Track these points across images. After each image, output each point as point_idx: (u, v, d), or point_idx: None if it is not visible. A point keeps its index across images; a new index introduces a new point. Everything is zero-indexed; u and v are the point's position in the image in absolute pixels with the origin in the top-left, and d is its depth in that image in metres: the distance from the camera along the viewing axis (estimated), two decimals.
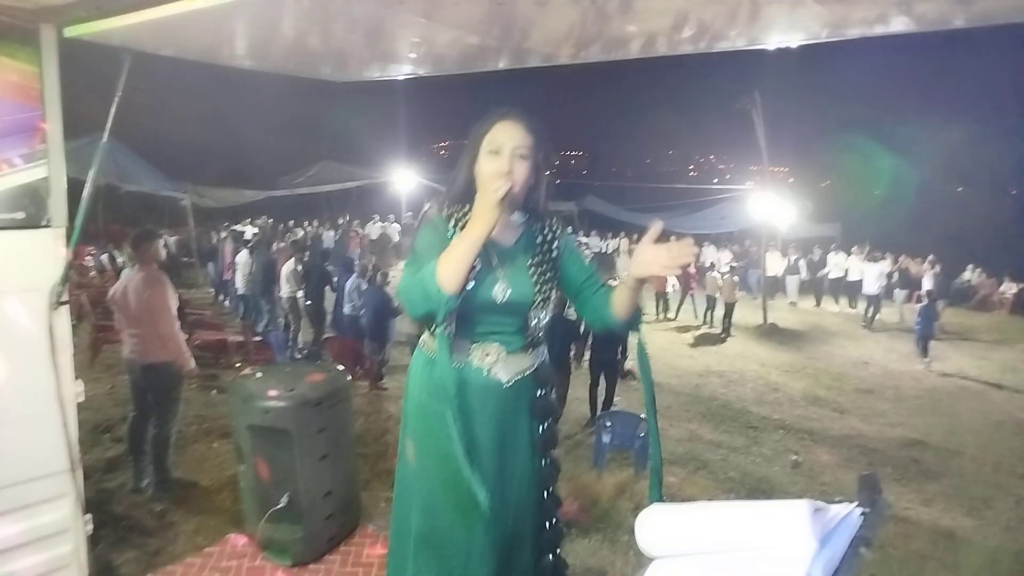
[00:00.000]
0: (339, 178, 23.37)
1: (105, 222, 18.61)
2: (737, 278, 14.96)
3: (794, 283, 18.42)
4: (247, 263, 11.48)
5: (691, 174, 72.88)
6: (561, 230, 2.13)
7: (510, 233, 2.07)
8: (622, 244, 23.39)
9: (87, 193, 2.78)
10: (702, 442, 7.27)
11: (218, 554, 3.35)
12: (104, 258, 14.90)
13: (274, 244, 13.10)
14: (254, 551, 3.33)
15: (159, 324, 4.30)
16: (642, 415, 6.21)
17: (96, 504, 3.26)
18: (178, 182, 19.05)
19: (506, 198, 1.86)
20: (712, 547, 1.27)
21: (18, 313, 2.65)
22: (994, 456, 7.44)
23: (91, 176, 2.80)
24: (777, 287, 17.94)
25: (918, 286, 15.69)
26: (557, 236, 2.10)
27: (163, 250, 5.17)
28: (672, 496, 5.38)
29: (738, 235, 21.87)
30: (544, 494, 2.11)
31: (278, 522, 3.20)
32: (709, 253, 20.92)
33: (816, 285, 18.76)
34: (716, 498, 5.51)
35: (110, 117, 2.78)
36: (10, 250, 2.64)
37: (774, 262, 17.93)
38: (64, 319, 2.77)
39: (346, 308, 9.56)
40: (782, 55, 2.97)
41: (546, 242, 2.09)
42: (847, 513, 1.24)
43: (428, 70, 3.12)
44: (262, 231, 18.74)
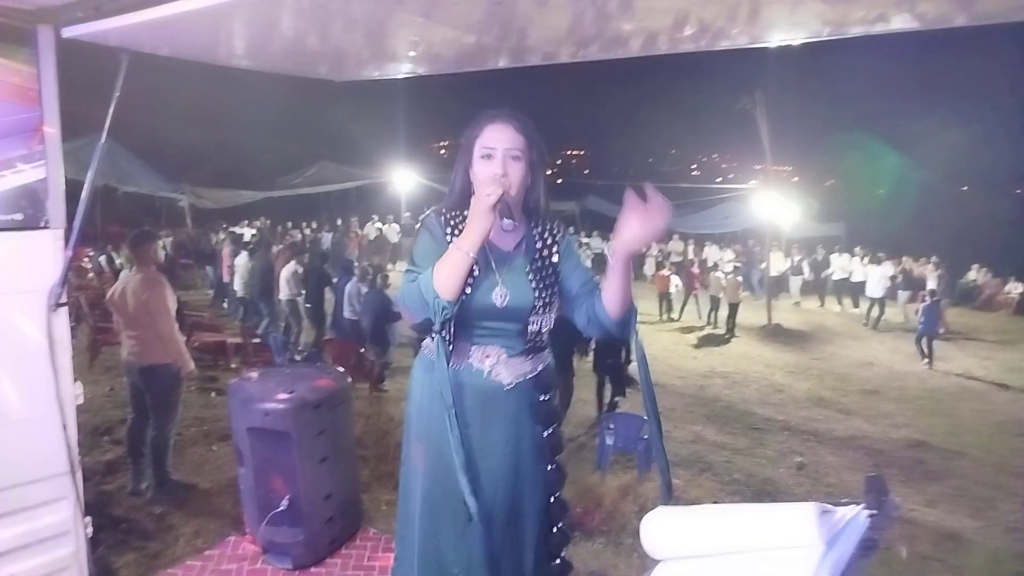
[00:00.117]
0: (338, 178, 23.37)
1: (103, 223, 18.52)
2: (741, 278, 14.92)
3: (798, 283, 18.38)
4: (246, 265, 11.46)
5: (694, 173, 72.56)
6: (563, 233, 2.09)
7: (510, 237, 2.04)
8: None
9: (85, 194, 2.76)
10: (706, 444, 7.24)
11: (218, 557, 3.34)
12: (102, 259, 14.88)
13: (273, 246, 13.04)
14: (254, 554, 3.32)
15: (158, 326, 4.28)
16: (645, 416, 6.17)
17: (96, 507, 3.25)
18: (176, 183, 19.06)
19: (500, 202, 1.84)
20: (717, 550, 1.25)
21: (17, 315, 2.64)
22: (998, 457, 7.40)
23: (89, 177, 2.78)
24: (781, 287, 17.89)
25: (922, 286, 15.64)
26: (558, 240, 2.07)
27: (161, 251, 5.16)
28: (676, 499, 5.33)
29: (741, 235, 21.77)
30: (550, 499, 2.09)
31: (278, 525, 3.19)
32: (712, 253, 20.88)
33: (820, 285, 18.72)
34: (721, 500, 5.49)
35: (108, 118, 2.76)
36: (8, 251, 2.62)
37: (778, 262, 17.89)
38: (63, 321, 2.75)
39: (346, 312, 9.52)
40: (785, 53, 2.96)
41: (546, 247, 2.05)
42: (854, 515, 1.23)
43: (427, 69, 3.10)
44: (261, 233, 18.70)
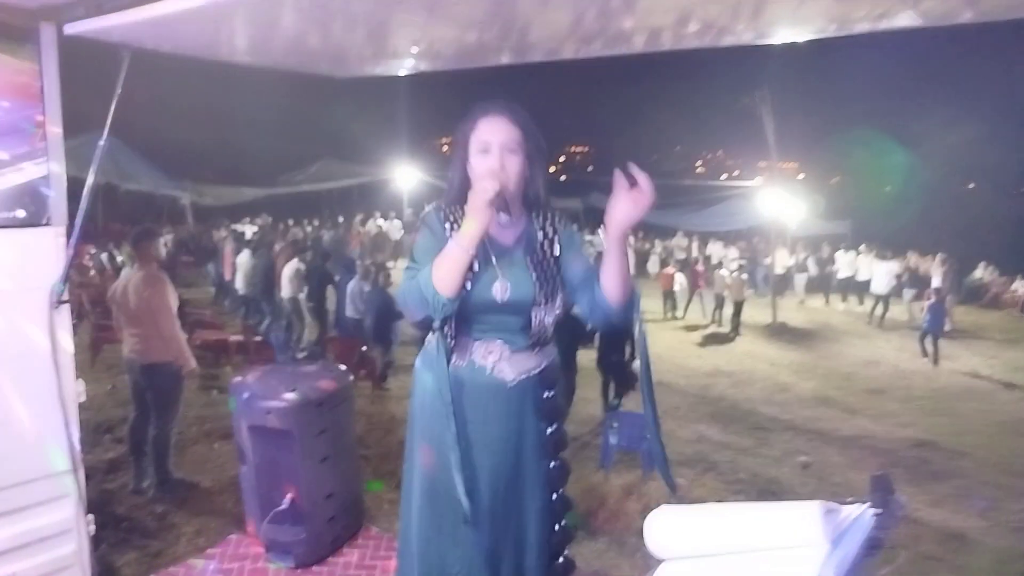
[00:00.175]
0: (340, 175, 23.33)
1: (105, 221, 18.47)
2: (746, 276, 14.87)
3: (803, 281, 18.31)
4: (248, 263, 11.45)
5: (699, 170, 72.27)
6: (564, 225, 2.06)
7: (510, 231, 2.02)
8: (628, 242, 23.27)
9: (87, 192, 2.76)
10: (710, 443, 7.22)
11: (220, 555, 3.33)
12: (104, 257, 14.89)
13: (275, 244, 13.04)
14: (256, 553, 3.31)
15: (159, 324, 4.27)
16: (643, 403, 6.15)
17: (98, 505, 3.24)
18: (177, 180, 19.04)
19: (498, 197, 1.83)
20: (722, 549, 1.24)
21: (18, 312, 2.64)
22: (1004, 457, 7.36)
23: (91, 174, 2.78)
24: (786, 285, 17.83)
25: (928, 284, 15.57)
26: (559, 231, 2.04)
27: (163, 249, 5.15)
28: (680, 498, 5.33)
29: (746, 232, 21.68)
30: (552, 496, 2.07)
31: (280, 524, 3.18)
32: (717, 250, 20.81)
33: (825, 283, 18.65)
34: (725, 500, 5.46)
35: (109, 115, 2.76)
36: (10, 249, 2.62)
37: (783, 260, 17.83)
38: (65, 318, 2.75)
39: (348, 310, 9.50)
40: (791, 50, 2.94)
41: (547, 238, 2.03)
42: (859, 514, 1.21)
43: (430, 66, 3.09)
44: (262, 230, 18.69)
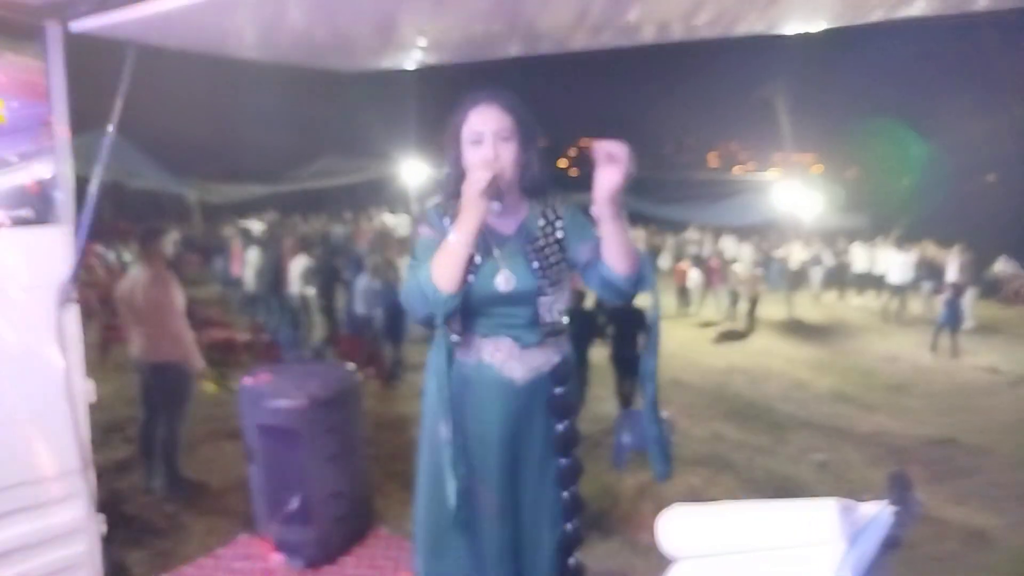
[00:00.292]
0: (347, 171, 23.31)
1: (112, 219, 18.47)
2: (761, 271, 14.75)
3: (819, 275, 18.14)
4: (257, 260, 11.44)
5: (712, 163, 71.80)
6: (567, 207, 2.02)
7: (511, 220, 1.99)
8: (638, 236, 23.20)
9: (94, 190, 2.75)
10: (726, 442, 7.15)
11: (230, 555, 3.33)
12: (112, 256, 14.98)
13: (284, 240, 13.06)
14: (266, 552, 3.30)
15: (167, 323, 4.28)
16: (664, 413, 6.10)
17: (108, 504, 3.24)
18: (184, 178, 19.08)
19: (491, 187, 1.80)
20: (736, 548, 1.21)
21: (27, 312, 2.64)
22: None
23: (97, 173, 2.77)
24: (801, 280, 17.68)
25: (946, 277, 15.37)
26: (560, 215, 2.00)
27: (170, 247, 5.16)
28: (696, 497, 5.28)
29: (761, 226, 21.52)
30: (564, 495, 2.03)
31: (290, 523, 3.17)
32: (730, 245, 20.67)
33: (841, 277, 18.47)
34: (741, 499, 5.40)
35: (115, 113, 2.75)
36: (18, 248, 2.63)
37: (798, 254, 17.68)
38: (73, 317, 2.75)
39: (358, 307, 9.46)
40: (806, 40, 2.89)
41: (549, 223, 1.99)
42: (877, 512, 1.18)
43: (437, 59, 3.07)
44: (270, 227, 18.74)
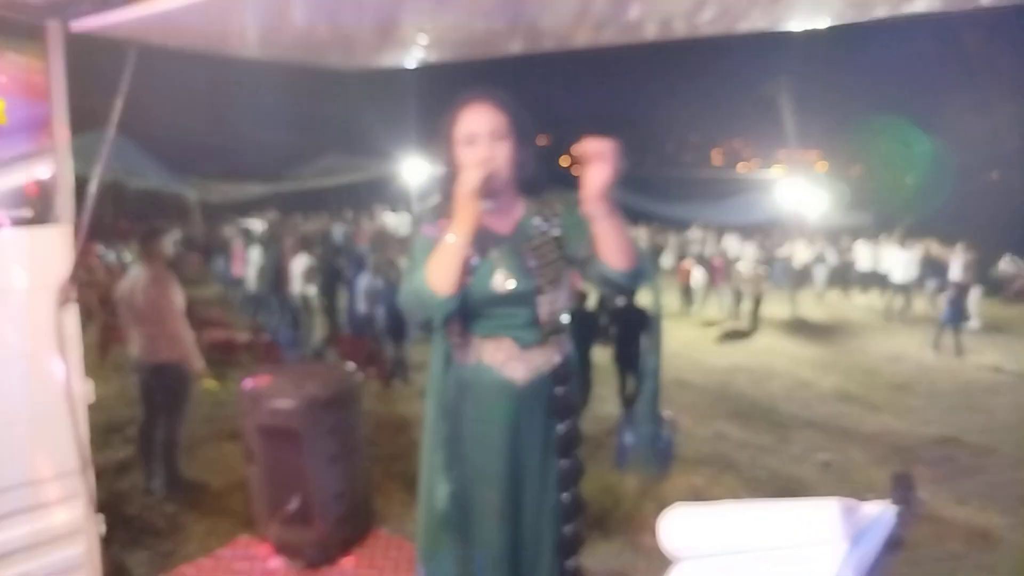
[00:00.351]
0: (347, 169, 23.32)
1: (112, 219, 18.52)
2: (764, 270, 14.73)
3: (823, 274, 18.12)
4: (259, 260, 11.43)
5: (715, 161, 71.64)
6: (565, 203, 1.97)
7: (507, 219, 1.98)
8: (640, 235, 23.18)
9: (93, 190, 2.75)
10: (729, 441, 7.14)
11: (230, 556, 3.32)
12: (112, 256, 15.00)
13: (285, 240, 13.07)
14: (266, 553, 3.29)
15: (167, 323, 4.28)
16: (665, 413, 6.10)
17: (108, 505, 3.24)
18: (184, 177, 19.10)
19: (483, 186, 1.79)
20: (738, 548, 1.20)
21: (26, 312, 2.64)
22: None
23: (97, 172, 2.77)
24: (804, 279, 17.65)
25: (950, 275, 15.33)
26: (557, 213, 1.98)
27: (170, 247, 5.16)
28: (699, 497, 5.27)
29: (765, 225, 21.47)
30: (564, 496, 2.01)
31: (290, 524, 3.16)
32: (733, 243, 20.65)
33: (845, 276, 18.44)
34: (743, 499, 5.38)
35: (116, 112, 2.75)
36: (17, 248, 2.62)
37: (802, 253, 17.65)
38: (72, 317, 2.75)
39: (360, 306, 9.45)
40: (810, 37, 2.88)
41: (546, 221, 1.97)
42: (880, 512, 1.17)
43: (439, 57, 3.06)
44: (272, 226, 18.75)
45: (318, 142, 26.07)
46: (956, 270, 14.70)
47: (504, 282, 1.90)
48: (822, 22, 2.54)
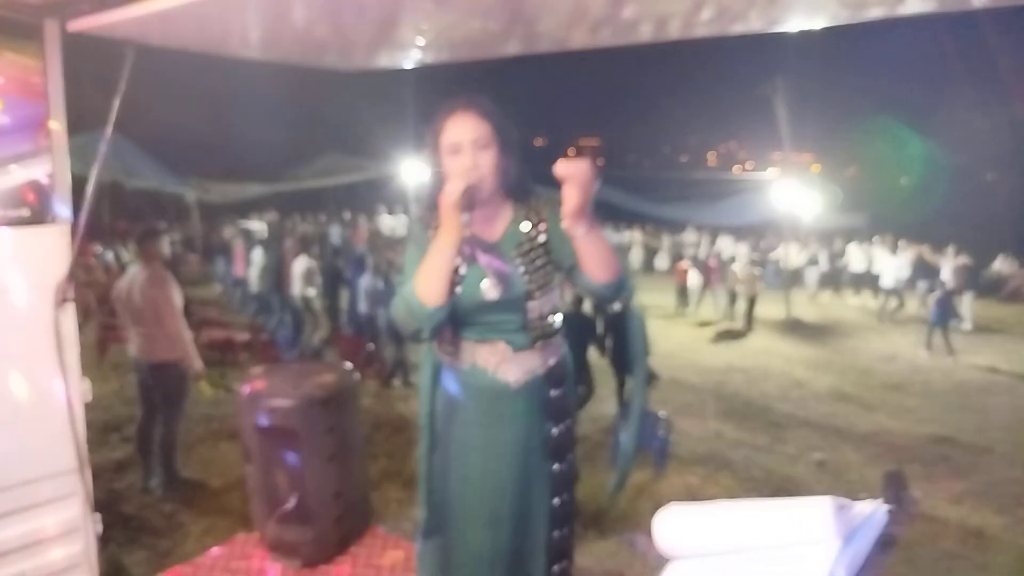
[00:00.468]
0: (346, 170, 23.27)
1: (111, 219, 18.51)
2: (759, 271, 14.75)
3: (817, 276, 18.15)
4: (260, 261, 11.43)
5: (711, 163, 71.57)
6: (552, 209, 1.94)
7: (497, 226, 1.98)
8: (635, 236, 23.20)
9: (92, 189, 2.75)
10: (724, 441, 7.15)
11: (227, 555, 3.32)
12: (110, 256, 14.96)
13: (286, 240, 13.05)
14: (263, 552, 3.29)
15: (165, 323, 4.27)
16: (660, 413, 6.12)
17: (105, 504, 3.25)
18: (183, 177, 19.05)
19: (465, 197, 1.78)
20: (731, 547, 1.21)
21: (24, 311, 2.64)
22: None
23: (95, 172, 2.77)
24: (799, 280, 17.68)
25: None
26: (544, 218, 1.97)
27: (168, 247, 5.15)
28: (694, 496, 5.28)
29: (759, 226, 21.50)
30: (555, 501, 2.01)
31: (287, 523, 3.16)
32: (727, 245, 20.68)
33: (840, 277, 18.48)
34: (739, 498, 5.39)
35: (113, 112, 2.75)
36: (15, 247, 2.62)
37: (796, 254, 17.67)
38: (70, 317, 2.75)
39: (361, 307, 9.46)
40: (805, 38, 2.90)
41: (533, 227, 1.97)
42: (872, 510, 1.18)
43: (436, 57, 3.06)
44: (272, 227, 18.71)
45: (316, 143, 25.98)
46: (947, 272, 14.76)
47: (493, 289, 1.90)
48: (817, 23, 2.55)
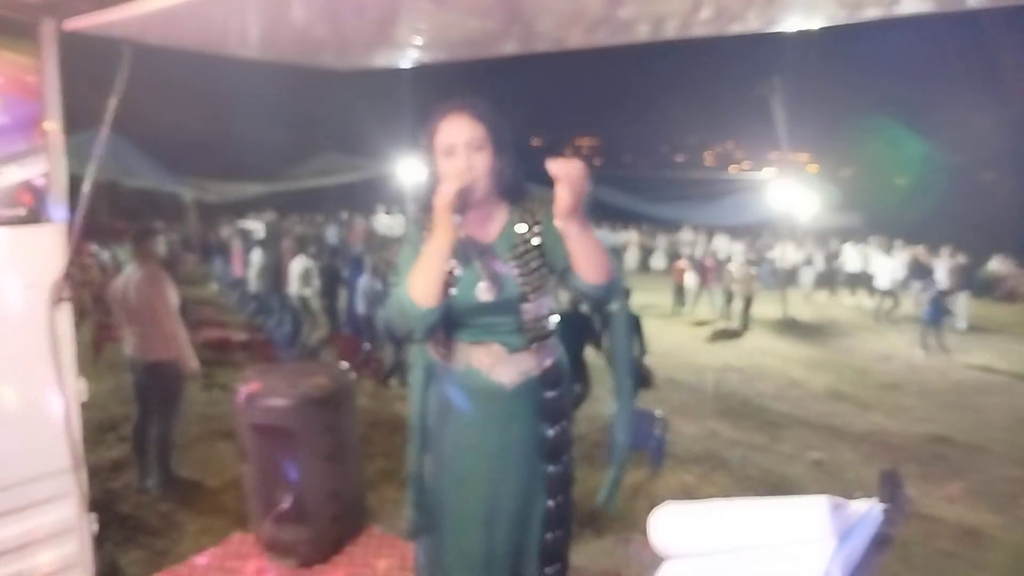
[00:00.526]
0: (343, 169, 23.22)
1: (107, 218, 18.35)
2: (755, 270, 14.77)
3: (813, 275, 18.17)
4: (258, 261, 11.43)
5: (708, 162, 71.54)
6: (546, 211, 1.92)
7: (492, 228, 1.98)
8: (632, 236, 23.21)
9: (88, 188, 2.75)
10: (721, 440, 7.16)
11: (223, 554, 3.32)
12: (106, 255, 14.92)
13: (284, 240, 13.02)
14: (260, 551, 3.29)
15: (160, 322, 4.27)
16: (656, 412, 6.12)
17: (101, 504, 3.24)
18: (180, 176, 18.99)
19: (458, 199, 1.78)
20: (727, 546, 1.21)
21: (19, 310, 2.63)
22: (1021, 452, 7.26)
23: (91, 171, 2.77)
24: (795, 279, 17.71)
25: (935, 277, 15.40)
26: (539, 219, 1.96)
27: (165, 246, 5.13)
28: (690, 495, 5.29)
29: (756, 226, 21.52)
30: (549, 503, 2.01)
31: (283, 523, 3.16)
32: (723, 244, 20.70)
33: (836, 277, 18.51)
34: (735, 497, 5.39)
35: (110, 111, 2.75)
36: (11, 246, 2.62)
37: (792, 254, 17.68)
38: (66, 316, 2.74)
39: (360, 307, 9.46)
40: (803, 38, 2.90)
41: (528, 229, 1.96)
42: (868, 509, 1.18)
43: (433, 57, 3.06)
44: (270, 227, 18.69)
45: (313, 142, 25.92)
46: (941, 273, 14.80)
47: (488, 291, 1.90)
48: (814, 23, 2.56)
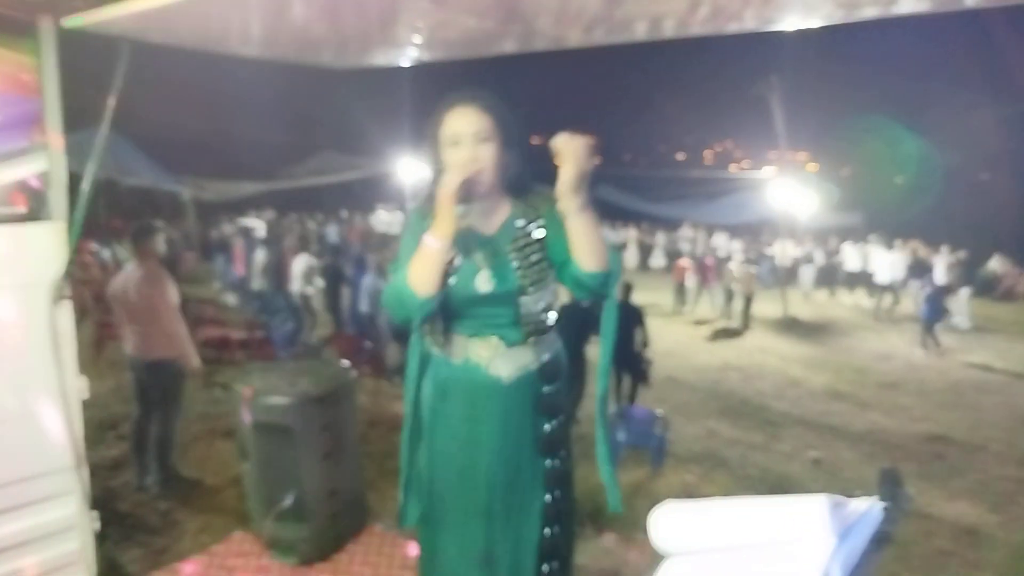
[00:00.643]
0: (342, 168, 23.22)
1: (107, 216, 18.40)
2: (755, 269, 14.76)
3: (813, 274, 18.18)
4: (260, 258, 11.44)
5: (708, 161, 71.49)
6: (548, 205, 1.92)
7: (495, 220, 1.98)
8: (631, 235, 23.21)
9: (87, 186, 2.75)
10: (720, 439, 7.16)
11: (224, 552, 3.32)
12: (106, 253, 14.92)
13: (285, 238, 13.03)
14: (260, 550, 3.30)
15: (161, 321, 4.26)
16: (657, 412, 6.13)
17: (102, 502, 3.24)
18: (179, 175, 19.01)
19: (463, 189, 1.79)
20: (727, 544, 1.21)
21: (19, 309, 2.63)
22: (1021, 450, 7.27)
23: (90, 169, 2.77)
24: (795, 278, 17.71)
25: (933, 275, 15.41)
26: (541, 214, 1.96)
27: (164, 244, 5.11)
28: (690, 494, 5.29)
29: (756, 224, 21.51)
30: (547, 498, 2.01)
31: (283, 521, 3.16)
32: (722, 243, 20.70)
33: (835, 276, 18.51)
34: (735, 496, 5.40)
35: (109, 109, 2.75)
36: (11, 244, 2.62)
37: (792, 252, 17.68)
38: (66, 314, 2.75)
39: (364, 306, 9.46)
40: (801, 37, 2.90)
41: (530, 222, 1.97)
42: (867, 508, 1.18)
43: (432, 55, 3.07)
44: (270, 226, 18.69)
45: (312, 140, 25.95)
46: (940, 271, 14.80)
47: (487, 283, 1.90)
48: (812, 23, 2.56)
